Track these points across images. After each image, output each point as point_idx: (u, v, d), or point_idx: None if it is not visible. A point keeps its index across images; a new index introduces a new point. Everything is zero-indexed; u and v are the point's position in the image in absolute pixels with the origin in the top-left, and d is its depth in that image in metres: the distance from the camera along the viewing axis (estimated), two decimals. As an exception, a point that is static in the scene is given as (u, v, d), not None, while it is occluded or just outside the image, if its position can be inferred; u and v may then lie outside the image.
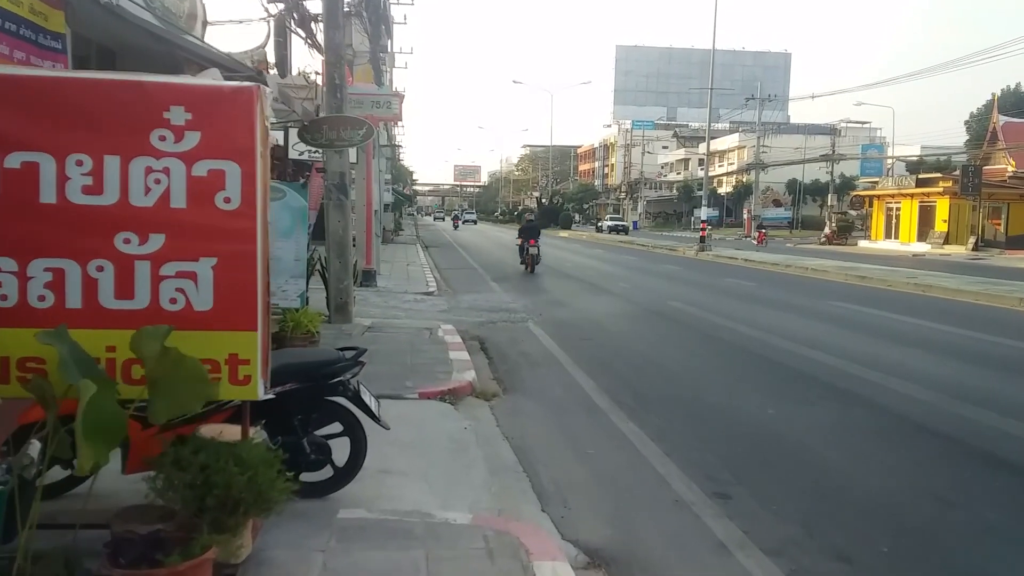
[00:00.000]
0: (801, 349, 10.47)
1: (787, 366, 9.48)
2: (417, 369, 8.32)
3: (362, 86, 16.21)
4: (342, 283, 11.23)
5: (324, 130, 10.97)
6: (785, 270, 25.01)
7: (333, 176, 11.19)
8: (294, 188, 8.23)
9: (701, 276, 22.84)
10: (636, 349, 10.65)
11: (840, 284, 20.67)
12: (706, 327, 12.59)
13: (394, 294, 15.75)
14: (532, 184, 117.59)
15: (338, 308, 11.21)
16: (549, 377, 8.73)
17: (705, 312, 14.25)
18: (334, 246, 11.25)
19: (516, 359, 9.74)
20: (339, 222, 11.21)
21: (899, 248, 45.47)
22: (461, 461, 5.57)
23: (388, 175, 39.84)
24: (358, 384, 4.60)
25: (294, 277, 8.25)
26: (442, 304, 14.79)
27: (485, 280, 20.49)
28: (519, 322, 12.81)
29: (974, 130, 56.65)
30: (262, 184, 3.39)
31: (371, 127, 11.17)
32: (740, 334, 11.75)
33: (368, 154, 16.15)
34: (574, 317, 13.61)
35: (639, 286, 19.62)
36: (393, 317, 12.66)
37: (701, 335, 11.89)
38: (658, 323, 13.24)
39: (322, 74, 11.20)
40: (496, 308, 14.41)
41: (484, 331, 11.77)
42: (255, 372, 3.37)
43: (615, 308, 15.00)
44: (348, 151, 11.35)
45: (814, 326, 12.89)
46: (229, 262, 3.33)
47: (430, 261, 26.41)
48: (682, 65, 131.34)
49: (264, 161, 3.44)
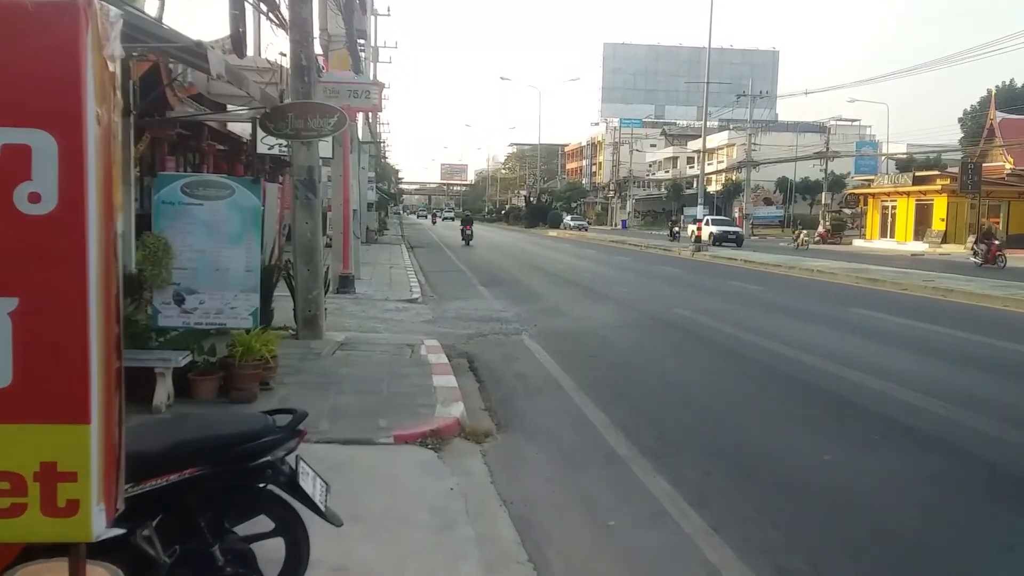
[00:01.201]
0: (838, 369, 9.12)
1: (828, 391, 8.13)
2: (394, 401, 6.91)
3: (338, 73, 14.74)
4: (311, 293, 9.79)
5: (289, 118, 9.52)
6: (789, 272, 23.75)
7: (300, 171, 9.75)
8: (243, 184, 6.80)
9: (702, 279, 21.52)
10: (649, 370, 9.27)
11: (852, 288, 19.39)
12: (723, 340, 11.24)
13: (374, 302, 14.31)
14: (519, 183, 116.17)
15: (307, 321, 9.78)
16: (552, 409, 7.34)
17: (717, 322, 12.90)
18: (301, 251, 9.81)
19: (511, 383, 8.35)
20: (307, 224, 9.77)
21: (896, 247, 44.42)
22: (447, 548, 4.17)
23: (372, 173, 38.33)
24: (296, 463, 3.19)
25: (245, 291, 6.82)
26: (426, 313, 13.37)
27: (473, 284, 19.08)
28: (512, 334, 11.42)
29: (969, 127, 55.72)
30: (100, 169, 1.97)
31: (344, 115, 9.74)
32: (763, 349, 10.41)
33: (345, 148, 14.70)
34: (573, 328, 12.23)
35: (639, 291, 18.26)
36: (371, 330, 11.24)
37: (720, 351, 10.53)
38: (669, 336, 11.88)
39: (288, 55, 9.77)
40: (486, 317, 13.01)
41: (473, 346, 10.38)
42: (88, 494, 1.95)
43: (617, 317, 13.63)
44: (317, 143, 9.92)
45: (842, 338, 11.56)
46: (39, 305, 1.92)
47: (415, 263, 24.97)
48: (670, 63, 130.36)
49: (107, 132, 2.02)
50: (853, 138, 78.91)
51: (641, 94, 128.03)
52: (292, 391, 7.03)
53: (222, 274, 6.82)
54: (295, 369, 7.95)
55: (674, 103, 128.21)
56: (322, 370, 8.05)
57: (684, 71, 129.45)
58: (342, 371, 8.03)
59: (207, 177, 6.88)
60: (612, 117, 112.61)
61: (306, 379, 7.61)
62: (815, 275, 22.37)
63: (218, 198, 6.79)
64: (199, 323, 6.84)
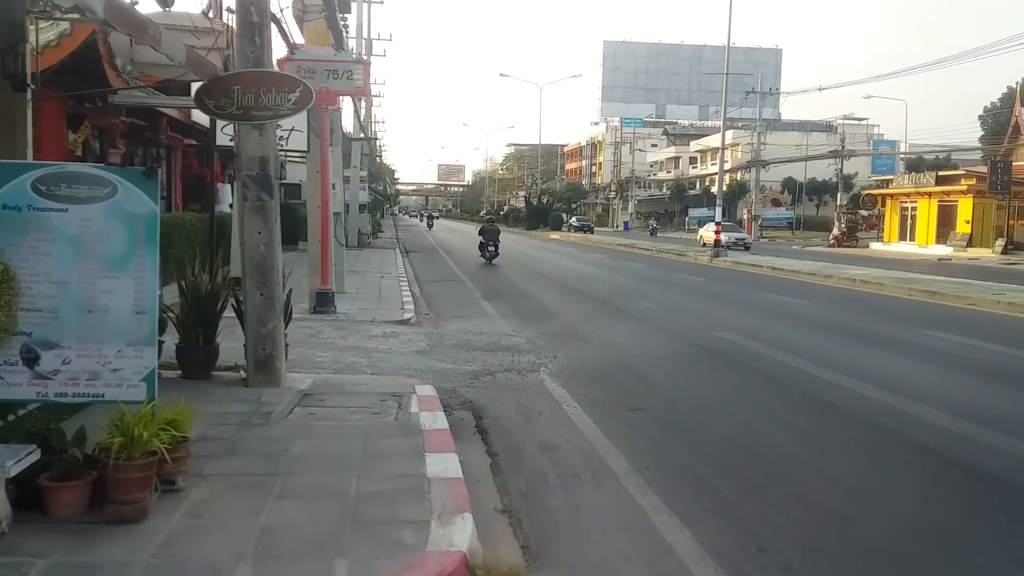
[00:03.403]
0: (981, 433, 6.71)
1: (999, 478, 5.72)
2: (365, 514, 4.47)
3: (314, 50, 12.35)
4: (266, 326, 7.35)
5: (235, 93, 7.13)
6: (826, 281, 21.34)
7: (250, 164, 7.31)
8: (131, 179, 4.38)
9: (732, 290, 19.12)
10: (721, 433, 6.83)
11: (909, 302, 16.97)
12: (797, 380, 8.83)
13: (357, 324, 11.88)
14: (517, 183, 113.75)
15: (260, 364, 7.34)
16: (604, 516, 4.91)
17: (776, 351, 10.49)
18: (252, 270, 7.37)
19: (537, 460, 5.93)
20: (260, 234, 7.33)
21: (917, 251, 42.11)
22: None
23: (364, 172, 35.87)
24: None
25: (134, 344, 4.41)
26: (420, 340, 10.94)
27: (474, 298, 16.64)
28: (527, 371, 9.01)
29: (989, 124, 53.35)
30: None
31: (308, 89, 7.33)
32: (856, 396, 8.00)
33: (323, 139, 12.27)
34: (601, 361, 9.82)
35: (665, 305, 15.84)
36: (349, 367, 8.83)
37: (800, 398, 8.12)
38: (724, 373, 9.45)
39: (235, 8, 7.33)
40: (493, 345, 10.59)
41: (479, 392, 7.97)
42: None
43: (651, 343, 11.22)
44: (273, 128, 7.48)
45: (944, 377, 9.19)
46: None
47: (410, 272, 22.51)
48: (671, 61, 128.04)
49: None
50: (861, 138, 76.60)
51: (642, 93, 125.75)
52: (210, 494, 4.60)
53: (98, 318, 4.39)
54: (229, 445, 5.52)
55: (675, 102, 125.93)
56: (267, 445, 5.60)
57: (686, 69, 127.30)
58: (296, 447, 5.60)
59: (73, 168, 4.43)
60: (612, 116, 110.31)
61: (240, 466, 5.17)
62: (858, 285, 19.95)
63: (91, 200, 4.36)
64: (62, 394, 4.41)
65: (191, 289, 7.55)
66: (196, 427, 5.04)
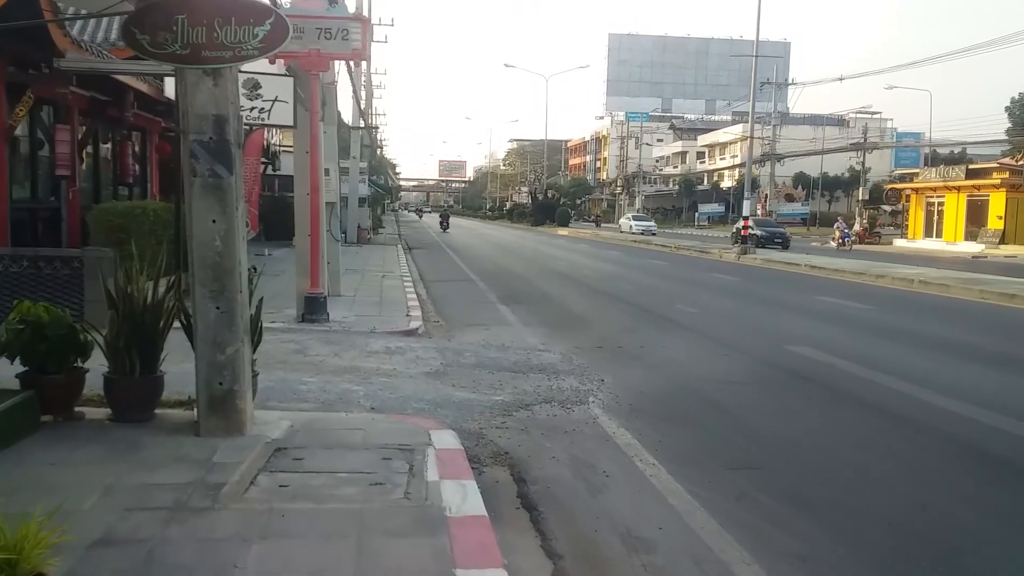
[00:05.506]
0: None
1: None
2: None
3: (303, 5, 10.25)
4: (224, 351, 5.25)
5: (178, 24, 5.09)
6: (877, 282, 19.23)
7: (199, 125, 5.19)
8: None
9: (777, 292, 17.02)
10: (893, 512, 4.70)
11: (983, 306, 14.88)
12: (940, 421, 6.72)
13: (354, 336, 9.80)
14: (520, 179, 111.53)
15: (215, 404, 5.24)
16: None
17: (880, 374, 8.38)
18: (204, 274, 5.26)
19: (624, 569, 3.84)
20: (214, 223, 5.22)
21: (945, 248, 40.00)
22: None
23: (364, 163, 33.76)
24: None
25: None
26: (431, 357, 8.84)
27: (490, 301, 14.54)
28: (574, 403, 6.92)
29: (1017, 116, 51.12)
30: None
31: (283, 20, 5.27)
32: (1003, 435, 5.93)
33: (313, 111, 10.17)
34: (663, 387, 7.72)
35: (710, 311, 13.74)
36: (340, 399, 6.74)
37: (960, 447, 6.02)
38: (830, 404, 7.34)
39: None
40: (523, 365, 8.50)
41: (516, 436, 5.90)
42: None
43: (716, 362, 9.12)
44: (231, 74, 5.36)
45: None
46: None
47: (414, 270, 20.39)
48: (678, 54, 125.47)
49: None
50: (874, 131, 74.46)
51: (647, 87, 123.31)
52: None
53: None
54: (144, 556, 3.42)
55: (681, 96, 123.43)
56: (206, 556, 3.50)
57: (692, 63, 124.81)
58: (251, 559, 3.49)
59: None
60: (617, 111, 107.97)
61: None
62: (917, 286, 17.83)
63: None
64: None
65: (122, 298, 5.46)
66: (102, 515, 3.00)
